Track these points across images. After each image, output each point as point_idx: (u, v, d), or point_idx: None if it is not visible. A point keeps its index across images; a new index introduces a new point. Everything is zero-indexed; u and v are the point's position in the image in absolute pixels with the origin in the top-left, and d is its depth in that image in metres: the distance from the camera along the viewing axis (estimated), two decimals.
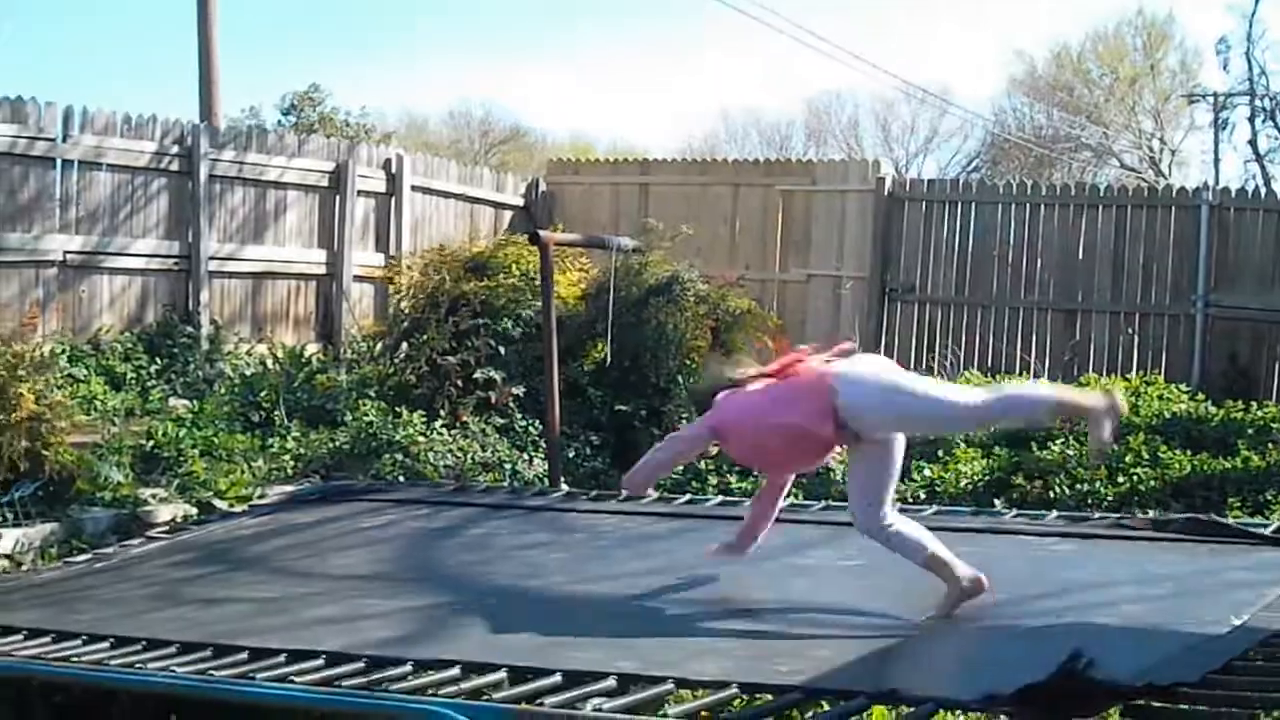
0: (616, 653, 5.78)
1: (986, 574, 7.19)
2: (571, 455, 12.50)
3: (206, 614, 7.07)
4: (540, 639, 6.22)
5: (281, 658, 5.81)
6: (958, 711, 5.35)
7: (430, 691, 5.27)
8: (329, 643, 6.04)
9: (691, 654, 5.83)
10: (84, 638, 6.39)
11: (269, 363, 14.67)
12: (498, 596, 7.24)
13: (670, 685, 5.25)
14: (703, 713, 5.03)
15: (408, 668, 5.59)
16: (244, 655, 5.92)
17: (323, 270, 17.29)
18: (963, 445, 12.38)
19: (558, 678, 5.31)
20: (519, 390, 13.19)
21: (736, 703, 5.21)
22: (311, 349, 15.92)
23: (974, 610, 6.62)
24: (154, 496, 10.46)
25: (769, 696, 5.18)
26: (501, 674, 5.44)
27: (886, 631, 6.21)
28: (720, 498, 10.52)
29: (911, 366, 17.36)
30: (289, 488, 11.02)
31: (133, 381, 13.91)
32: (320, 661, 5.71)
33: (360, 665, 5.63)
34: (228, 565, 8.34)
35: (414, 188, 18.46)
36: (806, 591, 7.31)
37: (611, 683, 5.22)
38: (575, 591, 7.33)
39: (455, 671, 5.50)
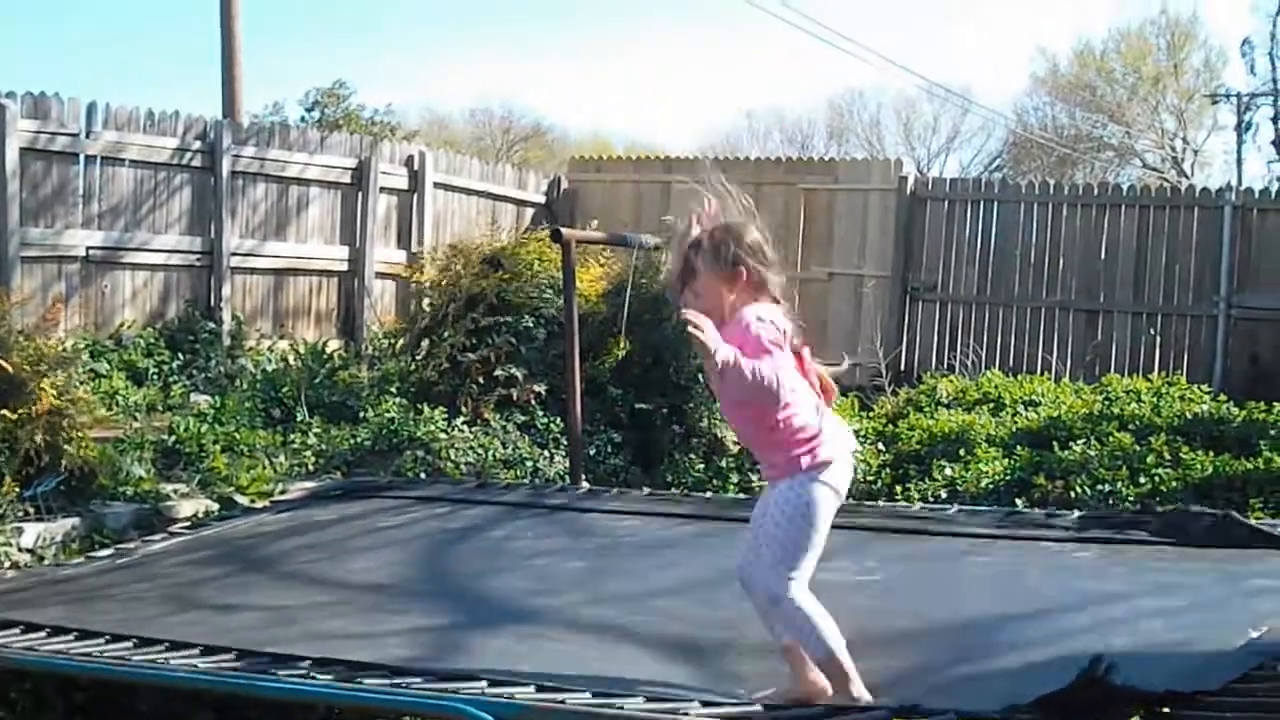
0: (640, 668, 5.73)
1: (1008, 584, 7.18)
2: (593, 453, 12.49)
3: (229, 615, 7.05)
4: (564, 649, 6.22)
5: (306, 664, 5.79)
6: None
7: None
8: (351, 647, 6.00)
9: (712, 672, 5.84)
10: (107, 637, 6.38)
11: (290, 359, 14.70)
12: (521, 601, 7.19)
13: (696, 703, 5.22)
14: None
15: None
16: (265, 660, 5.90)
17: (344, 266, 17.35)
18: (984, 445, 12.35)
19: (587, 695, 5.27)
20: (540, 388, 13.18)
21: None
22: (333, 345, 15.96)
23: (995, 616, 6.59)
24: (175, 492, 10.47)
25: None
26: (530, 688, 5.38)
27: (907, 644, 6.16)
28: (741, 495, 10.48)
29: (934, 365, 17.45)
30: (310, 484, 11.02)
31: (154, 377, 13.98)
32: (342, 670, 5.68)
33: (384, 677, 5.59)
34: (249, 564, 8.33)
35: (436, 184, 18.54)
36: (824, 603, 7.28)
37: (639, 700, 5.20)
38: (600, 595, 7.29)
39: (483, 684, 5.45)
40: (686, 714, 4.92)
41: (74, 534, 9.50)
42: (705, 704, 5.22)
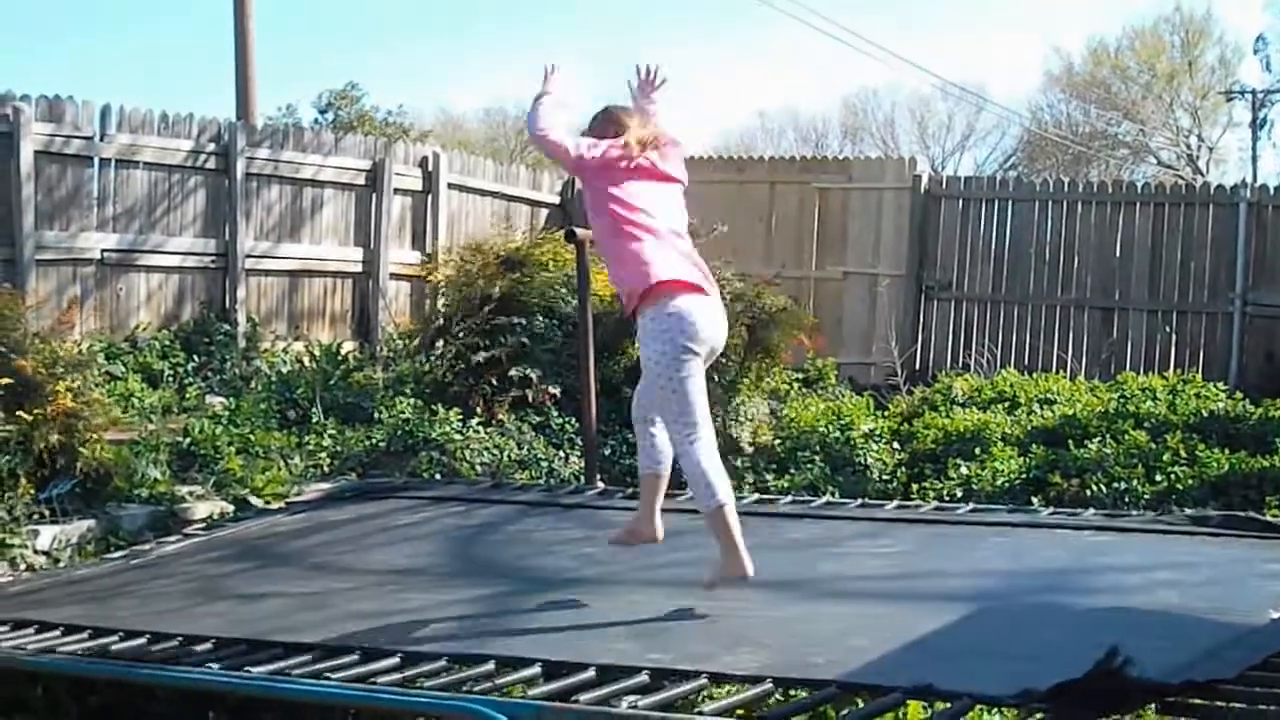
0: (650, 646, 5.75)
1: (1023, 563, 7.19)
2: (607, 453, 12.47)
3: (243, 609, 7.09)
4: (574, 634, 6.22)
5: (316, 653, 5.81)
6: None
7: (465, 687, 5.26)
8: (364, 639, 6.04)
9: (725, 646, 5.81)
10: (121, 633, 6.40)
11: (305, 360, 14.70)
12: (532, 592, 7.20)
13: (704, 680, 5.23)
14: (739, 710, 5.01)
15: (442, 663, 5.59)
16: (279, 650, 5.92)
17: (359, 268, 17.32)
18: (1000, 444, 12.34)
19: (591, 672, 5.30)
20: (555, 389, 13.17)
21: (771, 700, 5.19)
22: (348, 346, 15.93)
23: (1012, 598, 6.59)
24: (191, 494, 10.48)
25: (804, 692, 5.15)
26: (536, 669, 5.43)
27: (921, 620, 6.15)
28: (756, 495, 10.46)
29: (949, 364, 17.41)
30: (325, 485, 11.02)
31: (169, 379, 13.95)
32: (355, 657, 5.71)
33: (395, 661, 5.63)
34: (264, 562, 8.35)
35: (450, 185, 18.48)
36: (841, 581, 7.29)
37: (644, 678, 5.21)
38: (609, 587, 7.30)
39: (490, 666, 5.49)
40: (700, 712, 4.91)
41: (89, 536, 9.52)
42: (715, 677, 5.24)
